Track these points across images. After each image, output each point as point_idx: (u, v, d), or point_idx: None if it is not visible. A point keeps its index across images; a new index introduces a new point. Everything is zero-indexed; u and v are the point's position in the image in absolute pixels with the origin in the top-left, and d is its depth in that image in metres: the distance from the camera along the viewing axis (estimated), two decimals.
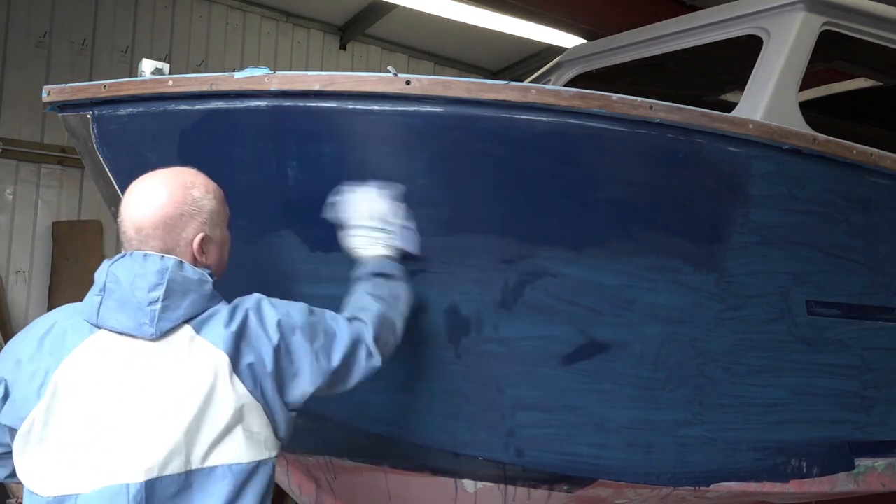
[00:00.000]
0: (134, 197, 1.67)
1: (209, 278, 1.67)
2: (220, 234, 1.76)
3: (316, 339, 1.73)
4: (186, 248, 1.67)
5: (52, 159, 5.87)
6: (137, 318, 1.57)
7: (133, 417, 1.54)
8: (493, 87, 1.97)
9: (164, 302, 1.58)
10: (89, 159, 2.11)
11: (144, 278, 1.58)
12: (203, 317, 1.63)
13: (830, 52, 3.19)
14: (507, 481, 2.39)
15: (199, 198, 1.70)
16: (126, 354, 1.57)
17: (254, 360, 1.62)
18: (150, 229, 1.63)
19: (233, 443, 1.58)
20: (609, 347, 2.29)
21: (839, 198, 2.46)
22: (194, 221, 1.68)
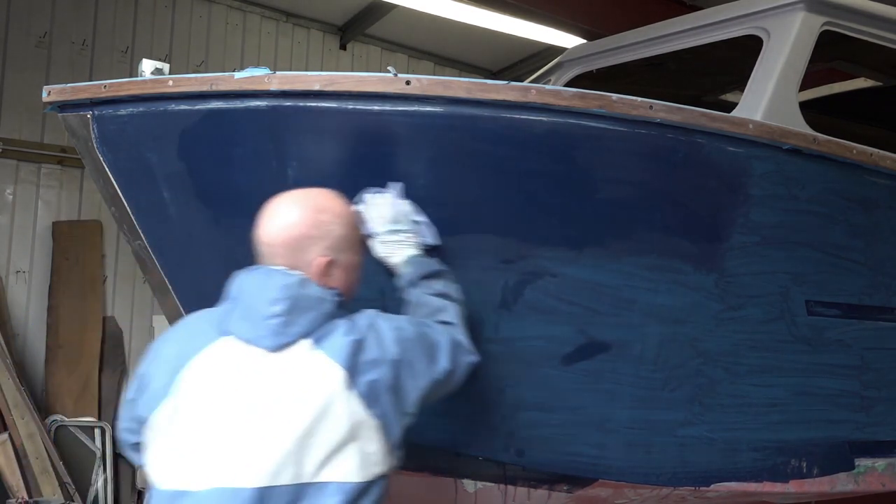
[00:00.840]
0: (268, 214, 1.75)
1: (332, 298, 1.70)
2: (348, 258, 1.79)
3: (426, 347, 1.77)
4: (308, 268, 1.72)
5: (52, 159, 5.87)
6: (258, 329, 1.63)
7: (249, 423, 1.58)
8: (493, 87, 1.97)
9: (284, 317, 1.63)
10: (89, 159, 2.11)
11: (267, 291, 1.65)
12: (321, 332, 1.66)
13: (830, 52, 3.19)
14: (507, 481, 2.39)
15: (327, 222, 1.75)
16: (246, 362, 1.62)
17: (374, 377, 1.64)
18: (277, 247, 1.71)
19: (346, 460, 1.59)
20: (609, 347, 2.29)
21: (839, 198, 2.46)
22: (318, 245, 1.73)
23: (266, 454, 1.55)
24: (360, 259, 1.85)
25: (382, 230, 1.99)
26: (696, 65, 3.58)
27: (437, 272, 1.99)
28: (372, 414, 1.63)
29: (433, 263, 2.01)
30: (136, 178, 2.11)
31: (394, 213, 2.00)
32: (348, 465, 1.59)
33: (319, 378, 1.60)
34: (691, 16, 3.13)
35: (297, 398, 1.59)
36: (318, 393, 1.59)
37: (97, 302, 5.82)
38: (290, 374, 1.61)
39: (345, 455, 1.59)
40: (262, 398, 1.60)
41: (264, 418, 1.58)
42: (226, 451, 1.57)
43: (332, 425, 1.58)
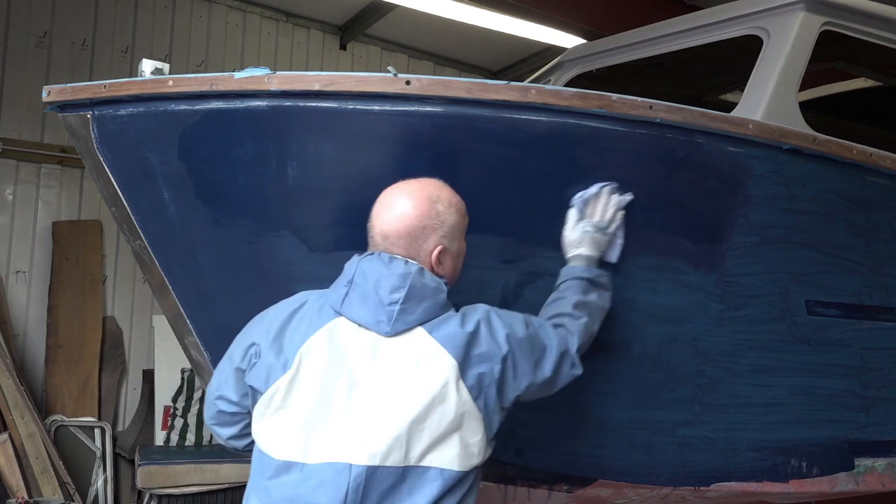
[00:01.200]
0: (383, 205, 1.80)
1: (445, 287, 1.76)
2: (458, 246, 1.85)
3: (534, 350, 1.81)
4: (426, 258, 1.77)
5: (52, 159, 5.87)
6: (377, 314, 1.68)
7: (363, 404, 1.64)
8: (493, 87, 1.97)
9: (403, 304, 1.69)
10: (89, 159, 2.11)
11: (388, 279, 1.70)
12: (435, 322, 1.71)
13: (830, 52, 3.19)
14: (507, 481, 2.39)
15: (443, 212, 1.80)
16: (363, 344, 1.68)
17: (482, 370, 1.70)
18: (395, 238, 1.75)
19: (449, 448, 1.66)
20: (609, 347, 2.29)
21: (839, 198, 2.46)
22: (435, 234, 1.78)
23: (379, 435, 1.62)
24: (464, 246, 1.89)
25: (592, 221, 2.05)
26: (696, 65, 3.58)
27: (597, 283, 2.04)
28: (477, 405, 1.68)
29: (599, 274, 2.06)
30: (136, 178, 2.11)
31: (611, 217, 2.08)
32: (451, 453, 1.66)
33: (432, 366, 1.66)
34: (691, 16, 3.13)
35: (411, 383, 1.65)
36: (431, 380, 1.65)
37: (97, 302, 5.82)
38: (405, 359, 1.67)
39: (449, 443, 1.66)
40: (377, 380, 1.66)
41: (379, 400, 1.64)
42: (340, 429, 1.63)
43: (441, 413, 1.64)
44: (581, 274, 2.02)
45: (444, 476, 1.64)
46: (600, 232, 2.06)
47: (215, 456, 5.18)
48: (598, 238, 2.06)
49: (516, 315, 1.85)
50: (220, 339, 2.29)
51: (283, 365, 1.70)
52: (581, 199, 2.08)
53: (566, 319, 1.94)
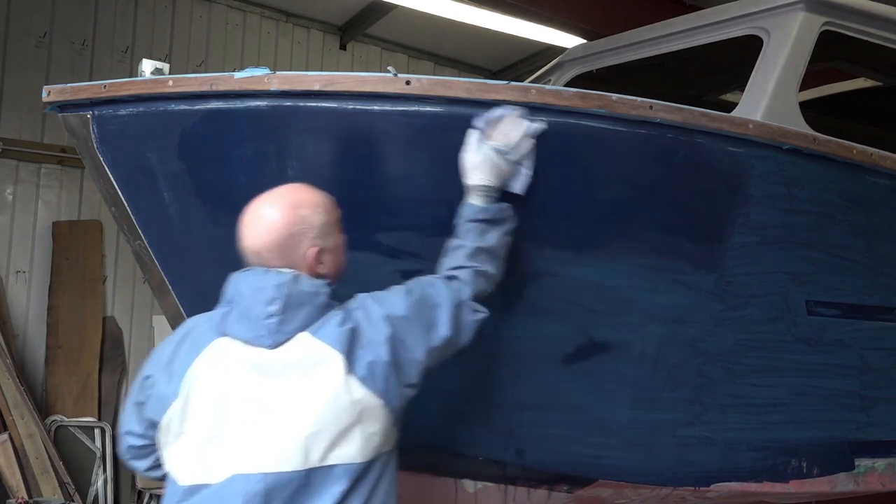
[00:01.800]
0: (248, 223, 1.78)
1: (324, 290, 1.75)
2: (334, 241, 1.83)
3: (422, 317, 1.80)
4: (303, 262, 1.75)
5: (52, 159, 5.87)
6: (257, 329, 1.68)
7: (257, 417, 1.64)
8: (493, 87, 1.97)
9: (281, 315, 1.68)
10: (89, 159, 2.11)
11: (262, 292, 1.69)
12: (318, 324, 1.71)
13: (830, 52, 3.19)
14: (507, 481, 2.39)
15: (308, 215, 1.78)
16: (249, 360, 1.68)
17: (370, 358, 1.69)
18: (267, 252, 1.74)
19: (351, 442, 1.65)
20: (609, 347, 2.29)
21: (839, 198, 2.46)
22: (306, 238, 1.76)
23: (275, 444, 1.61)
24: (343, 237, 1.87)
25: (493, 144, 1.95)
26: (696, 65, 3.58)
27: (501, 220, 1.97)
28: (374, 394, 1.68)
29: (504, 210, 1.98)
30: (136, 178, 2.11)
31: (517, 142, 1.97)
32: (353, 448, 1.66)
33: (321, 367, 1.65)
34: (691, 16, 3.13)
35: (302, 389, 1.65)
36: (321, 381, 1.65)
37: (97, 302, 5.82)
38: (293, 366, 1.66)
39: (350, 438, 1.65)
40: (268, 393, 1.65)
41: (272, 411, 1.64)
42: (238, 445, 1.63)
43: (336, 411, 1.64)
44: (476, 216, 1.94)
45: (349, 471, 1.64)
46: (502, 158, 1.95)
47: None
48: (499, 164, 1.94)
49: (396, 289, 1.83)
50: None
51: (174, 392, 1.71)
52: (484, 120, 1.96)
53: (460, 271, 1.90)
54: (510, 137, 1.96)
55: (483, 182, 1.95)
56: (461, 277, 1.90)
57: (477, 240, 1.94)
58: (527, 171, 2.00)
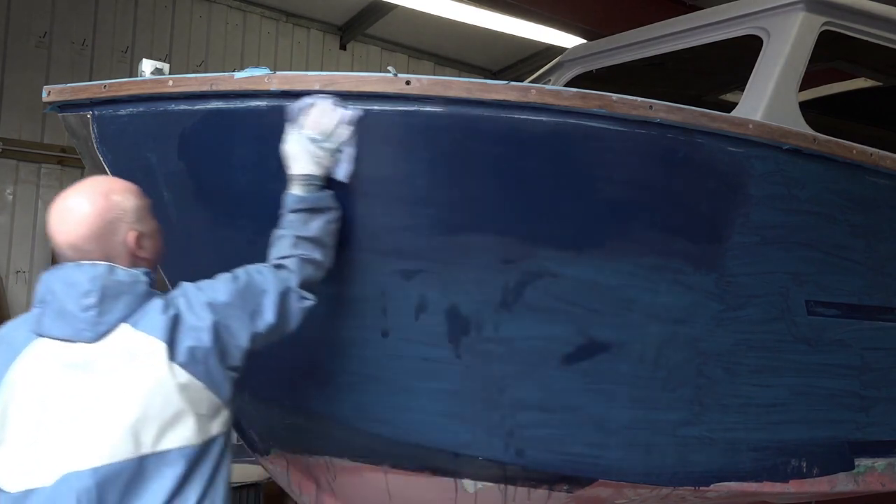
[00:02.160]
0: (59, 219, 1.73)
1: (143, 278, 1.73)
2: (150, 225, 1.82)
3: (247, 304, 1.79)
4: (124, 249, 1.73)
5: (52, 159, 5.87)
6: (75, 325, 1.65)
7: (81, 413, 1.61)
8: (493, 87, 1.97)
9: (99, 307, 1.65)
10: (89, 159, 2.11)
11: (77, 287, 1.66)
12: (139, 314, 1.69)
13: (830, 52, 3.19)
14: (507, 481, 2.39)
15: (120, 200, 1.76)
16: (68, 358, 1.65)
17: (192, 344, 1.68)
18: (85, 244, 1.70)
19: (182, 426, 1.65)
20: (609, 347, 2.29)
21: (839, 198, 2.46)
22: (123, 224, 1.74)
23: (102, 437, 1.59)
24: (156, 223, 1.85)
25: (308, 134, 1.94)
26: (696, 65, 3.58)
27: (322, 209, 1.96)
28: (198, 378, 1.67)
29: (324, 199, 1.97)
30: (136, 178, 2.11)
31: (332, 128, 1.95)
32: (186, 431, 1.65)
33: (144, 356, 1.64)
34: (691, 16, 3.13)
35: (125, 380, 1.63)
36: (144, 370, 1.63)
37: None
38: (116, 358, 1.64)
39: (180, 422, 1.65)
40: (91, 386, 1.63)
41: (97, 405, 1.61)
42: (65, 444, 1.60)
43: (163, 398, 1.63)
44: (297, 205, 1.93)
45: (184, 454, 1.64)
46: (318, 146, 1.93)
47: None
48: (317, 153, 1.93)
49: (222, 277, 1.82)
50: None
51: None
52: (296, 109, 1.94)
53: (286, 260, 1.90)
54: (324, 126, 1.94)
55: (301, 171, 1.94)
56: (288, 266, 1.90)
57: (300, 229, 1.93)
58: (347, 158, 1.97)
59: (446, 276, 2.14)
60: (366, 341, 2.21)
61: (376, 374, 2.25)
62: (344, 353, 2.24)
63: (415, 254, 2.11)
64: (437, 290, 2.16)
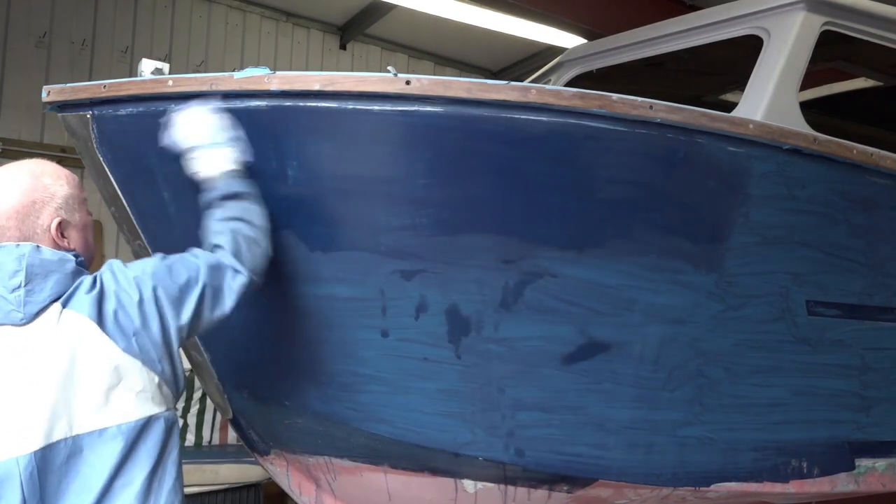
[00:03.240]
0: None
1: (71, 258, 1.70)
2: (80, 217, 1.80)
3: (175, 278, 1.76)
4: (45, 234, 1.71)
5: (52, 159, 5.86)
6: (3, 307, 1.61)
7: (12, 397, 1.58)
8: (493, 87, 1.97)
9: (27, 287, 1.62)
10: (89, 159, 2.11)
11: (3, 267, 1.62)
12: (69, 293, 1.66)
13: (830, 52, 3.19)
14: (507, 481, 2.39)
15: (50, 185, 1.74)
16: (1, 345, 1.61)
17: (121, 319, 1.66)
18: (4, 220, 1.68)
19: (118, 402, 1.63)
20: (609, 347, 2.29)
21: (839, 198, 2.46)
22: (48, 208, 1.72)
23: (36, 418, 1.57)
24: (89, 219, 1.84)
25: (195, 145, 1.94)
26: (696, 65, 3.58)
27: (241, 193, 1.95)
28: (130, 354, 1.65)
29: (237, 186, 1.96)
30: (136, 178, 2.11)
31: (211, 128, 1.95)
32: (121, 407, 1.63)
33: (70, 333, 1.62)
34: (691, 16, 3.13)
35: (54, 358, 1.60)
36: (70, 347, 1.60)
37: None
38: (44, 339, 1.61)
39: (116, 398, 1.62)
40: (23, 370, 1.60)
41: (27, 387, 1.59)
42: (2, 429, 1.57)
43: (92, 373, 1.61)
44: (217, 196, 1.94)
45: (122, 430, 1.62)
46: (217, 146, 1.94)
47: (215, 456, 5.17)
48: (220, 153, 1.94)
49: (149, 258, 1.81)
50: (220, 340, 2.30)
51: None
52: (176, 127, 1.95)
53: (215, 239, 1.88)
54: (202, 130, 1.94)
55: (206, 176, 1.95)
56: (219, 244, 1.88)
57: (217, 218, 1.92)
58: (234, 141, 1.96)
59: (446, 276, 2.14)
60: (366, 341, 2.21)
61: (376, 374, 2.24)
62: (344, 353, 2.24)
63: (415, 254, 2.11)
64: (437, 290, 2.16)
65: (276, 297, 2.18)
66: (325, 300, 2.17)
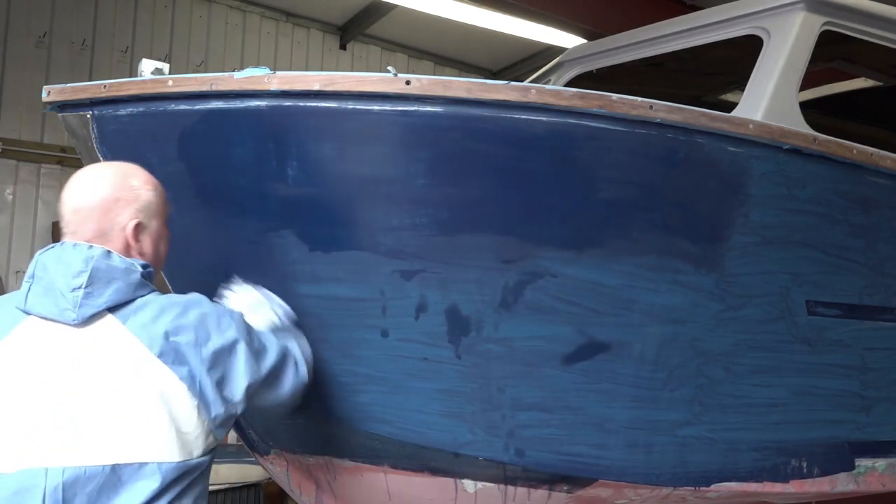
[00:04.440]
0: (75, 182, 1.75)
1: (138, 268, 1.69)
2: (157, 225, 1.81)
3: (250, 342, 1.78)
4: (120, 233, 1.72)
5: (52, 159, 5.87)
6: (60, 303, 1.60)
7: (57, 403, 1.56)
8: (493, 87, 1.97)
9: (87, 289, 1.61)
10: (89, 159, 2.11)
11: (69, 266, 1.62)
12: (130, 307, 1.65)
13: (830, 52, 3.19)
14: (507, 481, 2.39)
15: (137, 186, 1.77)
16: (51, 340, 1.60)
17: (188, 357, 1.64)
18: (87, 211, 1.70)
19: (163, 439, 1.59)
20: (609, 347, 2.29)
21: (839, 198, 2.46)
22: (130, 208, 1.74)
23: (75, 435, 1.54)
24: (167, 231, 1.86)
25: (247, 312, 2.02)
26: (696, 65, 3.58)
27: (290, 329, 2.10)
28: (191, 394, 1.63)
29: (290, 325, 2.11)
30: None
31: (253, 302, 2.07)
32: (166, 445, 1.59)
33: (128, 357, 1.59)
34: (691, 16, 3.13)
35: (106, 378, 1.58)
36: (127, 373, 1.58)
37: None
38: (96, 351, 1.59)
39: (162, 434, 1.59)
40: (70, 377, 1.58)
41: (74, 398, 1.56)
42: (36, 432, 1.54)
43: (142, 402, 1.58)
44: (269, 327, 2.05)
45: (162, 470, 1.57)
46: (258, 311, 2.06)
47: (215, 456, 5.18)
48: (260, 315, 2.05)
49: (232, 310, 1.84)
50: None
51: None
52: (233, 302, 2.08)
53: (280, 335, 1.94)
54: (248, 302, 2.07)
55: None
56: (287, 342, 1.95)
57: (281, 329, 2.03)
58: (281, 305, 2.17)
59: (446, 276, 2.14)
60: (366, 341, 2.21)
61: (376, 374, 2.24)
62: (344, 353, 2.24)
63: (415, 254, 2.11)
64: (437, 290, 2.16)
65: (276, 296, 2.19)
66: (324, 300, 2.17)
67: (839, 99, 4.46)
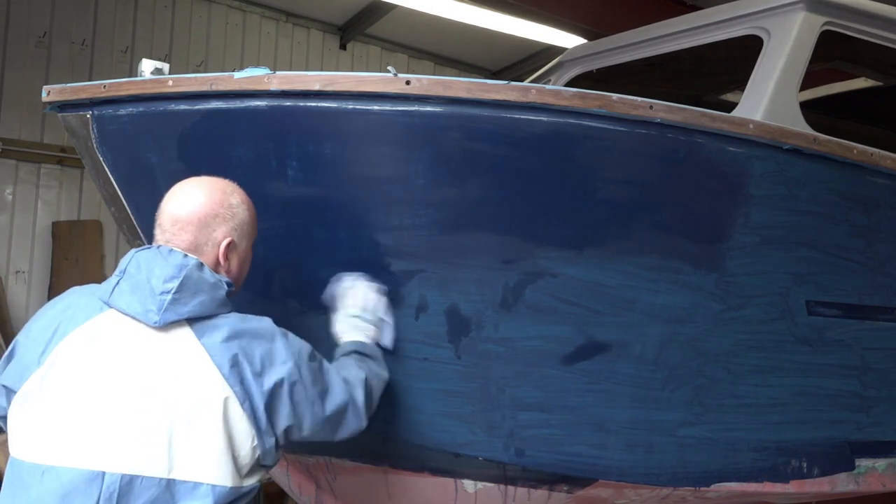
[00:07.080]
0: (176, 192, 1.78)
1: (225, 286, 1.72)
2: (246, 246, 1.84)
3: (316, 384, 1.78)
4: (213, 248, 1.75)
5: (52, 159, 5.87)
6: (146, 303, 1.61)
7: (122, 405, 1.55)
8: (493, 87, 1.97)
9: (176, 294, 1.63)
10: (89, 159, 2.11)
11: (163, 269, 1.65)
12: (209, 323, 1.66)
13: (830, 52, 3.19)
14: (507, 481, 2.39)
15: (236, 205, 1.80)
16: (128, 339, 1.61)
17: (255, 386, 1.64)
18: (185, 222, 1.73)
19: (220, 462, 1.58)
20: (609, 347, 2.29)
21: (839, 198, 2.46)
22: (226, 225, 1.77)
23: (136, 440, 1.53)
24: (251, 254, 1.88)
25: (347, 312, 2.07)
26: (696, 65, 3.58)
27: (370, 356, 2.06)
28: (250, 422, 1.63)
29: (371, 349, 2.09)
30: (136, 178, 2.11)
31: (364, 302, 2.09)
32: (221, 469, 1.58)
33: (199, 374, 1.59)
34: (691, 16, 3.13)
35: (174, 390, 1.57)
36: (196, 390, 1.58)
37: None
38: (170, 360, 1.60)
39: (219, 457, 1.58)
40: (139, 380, 1.57)
41: (140, 403, 1.55)
42: (94, 431, 1.53)
43: (207, 424, 1.57)
44: (352, 348, 2.04)
45: (216, 493, 1.56)
46: (365, 321, 2.08)
47: None
48: (365, 326, 2.08)
49: (305, 345, 1.81)
50: None
51: (38, 361, 1.61)
52: (340, 289, 2.11)
53: (348, 375, 1.92)
54: (368, 301, 2.10)
55: (351, 340, 2.07)
56: (352, 381, 1.92)
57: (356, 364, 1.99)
58: (390, 324, 2.16)
59: (446, 276, 2.14)
60: None
61: None
62: None
63: (415, 254, 2.11)
64: (437, 290, 2.16)
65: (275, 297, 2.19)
66: (324, 300, 2.17)
67: (839, 99, 4.46)
